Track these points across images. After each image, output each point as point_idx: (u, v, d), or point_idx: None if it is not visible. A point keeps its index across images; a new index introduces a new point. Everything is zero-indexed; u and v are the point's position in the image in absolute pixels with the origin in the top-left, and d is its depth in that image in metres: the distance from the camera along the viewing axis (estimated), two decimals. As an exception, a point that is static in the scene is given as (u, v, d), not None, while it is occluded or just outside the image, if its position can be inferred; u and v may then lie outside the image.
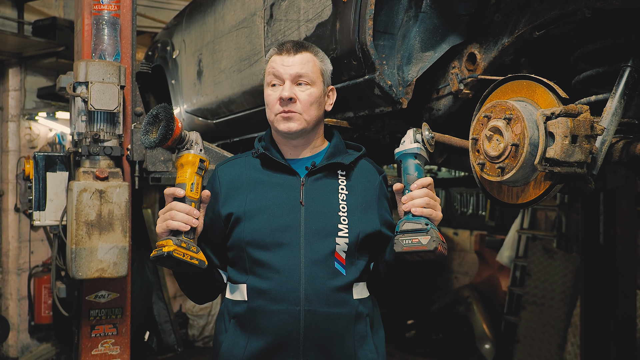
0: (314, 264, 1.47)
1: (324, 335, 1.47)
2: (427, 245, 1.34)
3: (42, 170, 2.46)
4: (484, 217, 5.92)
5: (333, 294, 1.47)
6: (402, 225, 1.40)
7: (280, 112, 1.54)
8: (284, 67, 1.54)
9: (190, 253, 1.36)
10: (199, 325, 5.57)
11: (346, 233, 1.50)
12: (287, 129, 1.54)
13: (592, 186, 1.30)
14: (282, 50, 1.57)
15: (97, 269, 2.12)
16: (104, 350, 2.39)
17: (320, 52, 1.62)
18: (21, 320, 4.91)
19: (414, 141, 1.46)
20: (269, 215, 1.51)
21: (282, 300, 1.46)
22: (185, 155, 1.44)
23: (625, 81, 1.35)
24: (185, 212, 1.39)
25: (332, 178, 1.58)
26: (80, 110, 2.23)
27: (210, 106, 2.93)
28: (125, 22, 2.41)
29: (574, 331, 4.33)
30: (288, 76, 1.54)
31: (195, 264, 1.37)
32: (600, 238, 3.95)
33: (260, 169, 1.60)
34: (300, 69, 1.54)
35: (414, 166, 1.45)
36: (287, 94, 1.52)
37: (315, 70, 1.57)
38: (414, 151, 1.46)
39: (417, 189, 1.41)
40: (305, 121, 1.55)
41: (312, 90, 1.55)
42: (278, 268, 1.47)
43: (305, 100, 1.54)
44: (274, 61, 1.57)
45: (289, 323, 1.45)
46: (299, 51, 1.56)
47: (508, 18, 1.59)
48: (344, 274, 1.49)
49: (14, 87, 4.89)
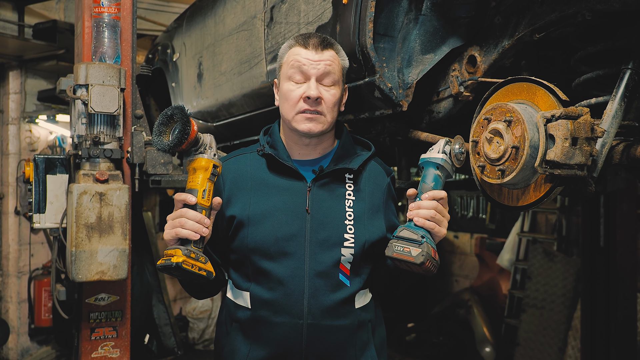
0: (318, 276, 1.45)
1: (327, 347, 1.46)
2: (415, 258, 1.32)
3: (42, 173, 2.46)
4: (484, 220, 5.91)
5: (336, 307, 1.46)
6: (399, 231, 1.38)
7: (303, 112, 1.47)
8: (310, 62, 1.46)
9: (198, 264, 1.30)
10: (199, 328, 5.56)
11: (352, 243, 1.47)
12: (308, 129, 1.48)
13: (592, 189, 1.29)
14: (307, 43, 1.48)
15: (97, 272, 2.11)
16: (104, 353, 2.38)
17: (342, 49, 1.56)
18: (21, 323, 4.90)
19: (441, 152, 1.43)
20: (274, 223, 1.47)
21: (285, 312, 1.44)
22: (198, 159, 1.35)
23: (626, 83, 1.34)
24: (196, 220, 1.30)
25: (339, 183, 1.53)
26: (80, 112, 2.24)
27: (210, 109, 2.93)
28: (126, 25, 2.41)
29: (574, 334, 4.32)
30: (315, 73, 1.46)
31: (203, 275, 1.31)
32: (600, 241, 3.94)
33: (265, 169, 1.54)
34: (328, 67, 1.47)
35: (432, 176, 1.42)
36: (315, 94, 1.45)
37: (339, 70, 1.51)
38: (437, 161, 1.42)
39: (427, 199, 1.38)
40: (328, 122, 1.50)
41: (335, 91, 1.50)
42: (282, 279, 1.44)
43: (330, 101, 1.48)
44: (298, 54, 1.48)
45: (291, 335, 1.44)
46: (327, 48, 1.49)
47: (508, 21, 1.59)
48: (348, 285, 1.48)
49: (15, 89, 4.89)
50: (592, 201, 3.98)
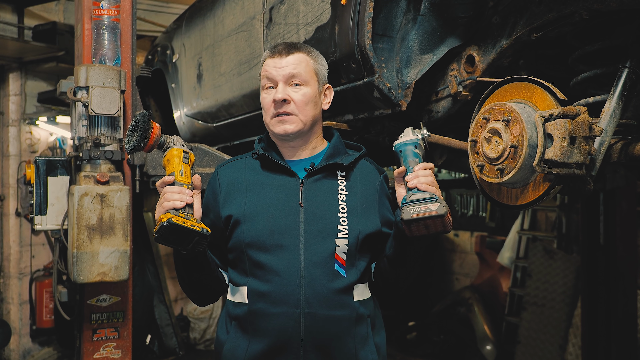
0: (314, 266, 1.47)
1: (325, 337, 1.47)
2: (438, 210, 1.33)
3: (43, 175, 2.46)
4: (484, 218, 5.91)
5: (333, 296, 1.47)
6: (409, 197, 1.39)
7: (275, 115, 1.54)
8: (276, 69, 1.54)
9: (189, 222, 1.36)
10: (200, 329, 5.57)
11: (346, 234, 1.50)
12: (282, 131, 1.54)
13: (590, 187, 1.30)
14: (274, 52, 1.57)
15: (98, 273, 2.12)
16: (106, 354, 2.39)
17: (314, 51, 1.61)
18: (23, 324, 4.91)
19: (413, 135, 1.49)
20: (269, 217, 1.51)
21: (282, 303, 1.46)
22: (169, 151, 1.48)
23: (623, 82, 1.35)
24: (177, 192, 1.39)
25: (331, 179, 1.57)
26: (80, 114, 2.24)
27: (210, 109, 2.94)
28: (125, 27, 2.42)
29: (575, 331, 4.33)
30: (281, 77, 1.54)
31: (198, 231, 1.36)
32: (600, 238, 3.94)
33: (259, 170, 1.60)
34: (293, 70, 1.53)
35: (413, 153, 1.47)
36: (281, 96, 1.52)
37: (309, 70, 1.56)
38: (414, 141, 1.48)
39: (420, 169, 1.42)
40: (302, 122, 1.54)
41: (305, 90, 1.54)
42: (278, 270, 1.47)
43: (300, 101, 1.53)
44: (267, 64, 1.57)
45: (289, 326, 1.46)
46: (291, 52, 1.55)
47: (506, 20, 1.60)
48: (344, 275, 1.49)
49: (15, 91, 4.90)
50: (592, 199, 3.98)
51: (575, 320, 4.34)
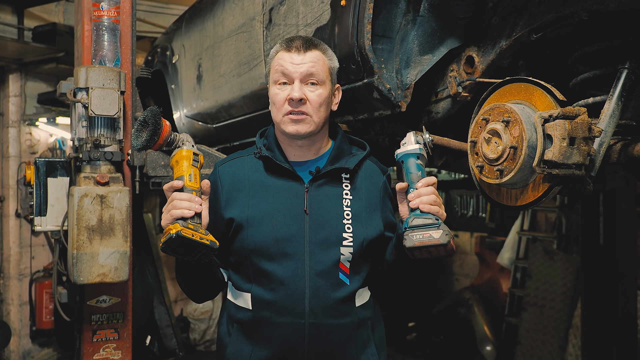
0: (319, 276, 1.46)
1: (329, 346, 1.47)
2: (440, 238, 1.34)
3: (43, 176, 2.46)
4: (484, 219, 5.91)
5: (337, 306, 1.47)
6: (411, 221, 1.39)
7: (289, 113, 1.49)
8: (293, 65, 1.48)
9: (198, 234, 1.32)
10: (200, 329, 5.56)
11: (350, 242, 1.48)
12: (295, 131, 1.50)
13: (590, 188, 1.30)
14: (290, 46, 1.50)
15: (98, 274, 2.12)
16: (106, 355, 2.39)
17: (329, 49, 1.57)
18: (22, 325, 4.90)
19: (415, 142, 1.47)
20: (273, 224, 1.48)
21: (287, 312, 1.45)
22: (178, 152, 1.44)
23: (623, 83, 1.35)
24: (186, 199, 1.35)
25: (335, 183, 1.55)
26: (80, 115, 2.24)
27: (210, 110, 2.94)
28: (125, 28, 2.42)
29: (575, 332, 4.32)
30: (298, 75, 1.48)
31: (206, 244, 1.33)
32: (600, 239, 3.95)
33: (262, 171, 1.56)
34: (311, 68, 1.48)
35: (416, 165, 1.46)
36: (298, 95, 1.47)
37: (325, 70, 1.52)
38: (417, 152, 1.46)
39: (423, 186, 1.41)
40: (315, 123, 1.50)
41: (321, 91, 1.50)
42: (283, 280, 1.46)
43: (315, 101, 1.49)
44: (282, 58, 1.50)
45: (293, 335, 1.45)
46: (309, 49, 1.50)
47: (506, 21, 1.60)
48: (348, 284, 1.49)
49: (15, 92, 4.90)
50: (592, 199, 3.98)
51: (575, 320, 4.34)
